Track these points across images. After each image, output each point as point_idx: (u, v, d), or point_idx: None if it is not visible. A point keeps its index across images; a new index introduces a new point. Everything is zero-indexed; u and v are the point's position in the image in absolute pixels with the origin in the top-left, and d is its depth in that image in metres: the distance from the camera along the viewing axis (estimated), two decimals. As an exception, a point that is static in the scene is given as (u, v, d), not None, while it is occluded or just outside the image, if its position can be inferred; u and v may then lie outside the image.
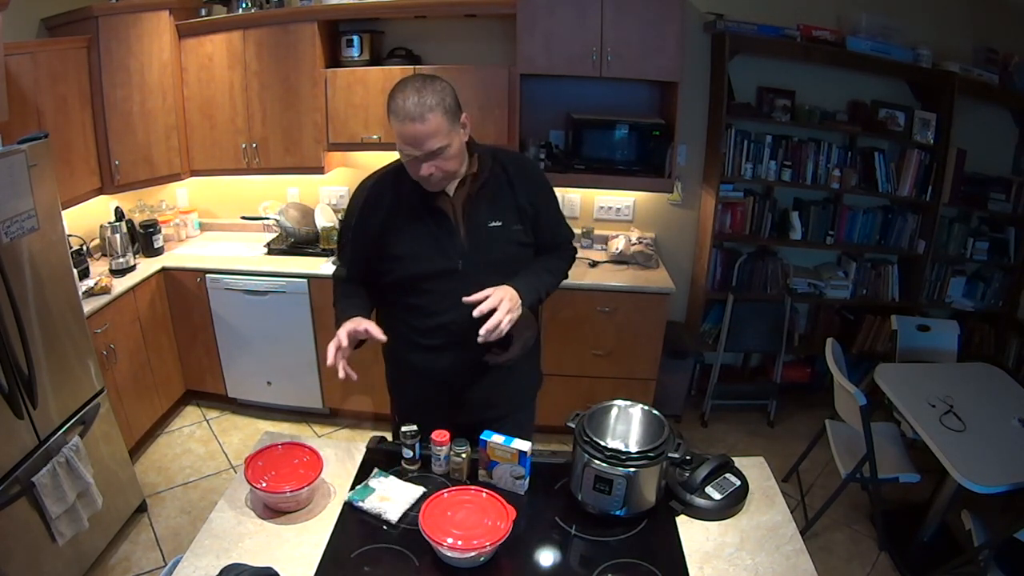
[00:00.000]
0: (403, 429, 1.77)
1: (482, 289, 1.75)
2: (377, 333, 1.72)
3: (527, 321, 1.81)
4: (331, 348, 1.69)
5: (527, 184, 1.87)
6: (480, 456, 1.71)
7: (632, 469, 1.54)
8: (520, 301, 1.73)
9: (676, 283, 3.49)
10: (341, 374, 1.68)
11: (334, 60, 3.54)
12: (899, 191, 3.65)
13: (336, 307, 1.89)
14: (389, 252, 1.81)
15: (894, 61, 3.41)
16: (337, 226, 3.70)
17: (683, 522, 1.63)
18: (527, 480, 1.70)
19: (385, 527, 1.58)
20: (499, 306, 1.66)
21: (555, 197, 1.99)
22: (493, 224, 1.81)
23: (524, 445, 1.66)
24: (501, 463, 1.68)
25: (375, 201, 1.83)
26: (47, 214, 2.42)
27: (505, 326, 1.66)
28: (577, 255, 2.10)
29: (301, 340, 3.60)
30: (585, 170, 3.46)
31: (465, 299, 1.67)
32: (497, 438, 1.68)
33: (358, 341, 1.74)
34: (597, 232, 3.88)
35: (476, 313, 1.65)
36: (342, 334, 1.70)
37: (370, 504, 1.63)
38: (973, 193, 3.68)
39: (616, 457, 1.55)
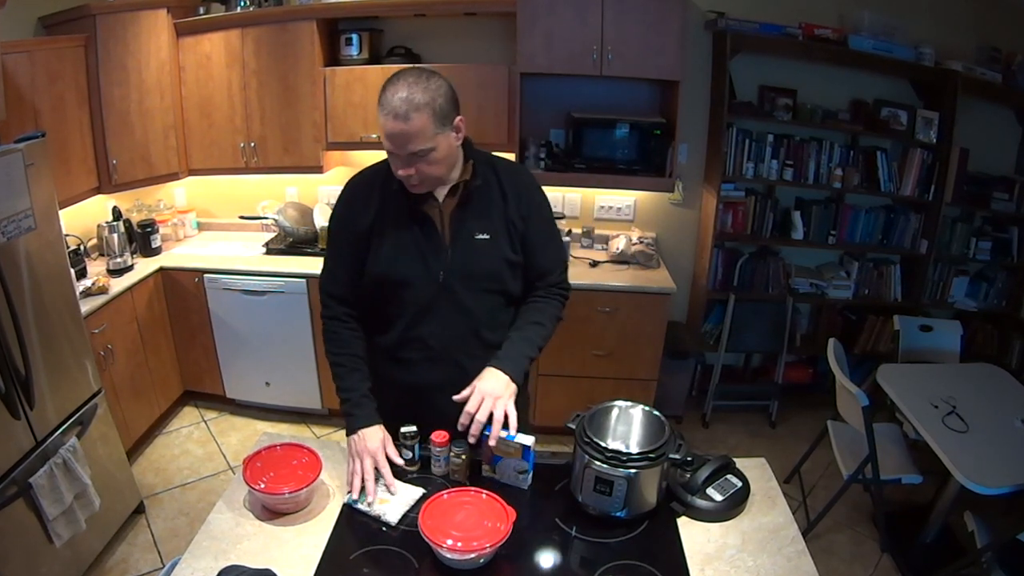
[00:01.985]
0: (402, 430, 1.74)
1: (461, 304, 1.72)
2: (396, 457, 1.70)
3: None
4: (356, 481, 1.65)
5: (520, 197, 1.77)
6: (483, 452, 1.70)
7: (633, 470, 1.52)
8: (509, 382, 1.68)
9: (677, 283, 3.48)
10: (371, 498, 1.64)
11: (333, 59, 3.53)
12: (901, 190, 3.64)
13: (338, 368, 1.79)
14: (372, 255, 1.74)
15: (896, 60, 3.39)
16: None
17: (684, 523, 1.61)
18: (531, 475, 1.68)
19: (384, 529, 1.56)
20: (482, 407, 1.62)
21: (550, 216, 1.87)
22: (480, 237, 1.73)
23: (527, 439, 1.65)
24: (505, 458, 1.68)
25: (363, 199, 1.75)
26: (44, 214, 2.41)
27: (500, 417, 1.63)
28: (570, 293, 1.92)
29: (300, 340, 3.58)
30: (586, 169, 3.44)
31: (455, 397, 1.64)
32: (501, 433, 1.66)
33: None
34: (598, 232, 3.87)
35: (461, 423, 1.63)
36: (368, 467, 1.65)
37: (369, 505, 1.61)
38: (976, 193, 3.67)
39: (617, 458, 1.53)
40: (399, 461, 1.71)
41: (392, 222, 1.73)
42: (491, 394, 1.64)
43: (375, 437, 1.71)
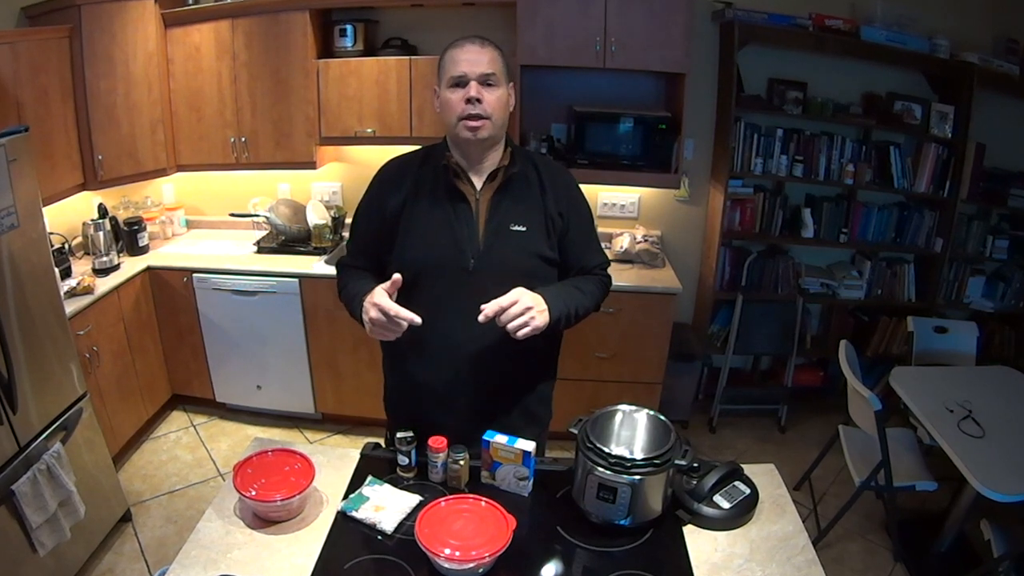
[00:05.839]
0: (398, 435, 1.72)
1: (491, 299, 1.63)
2: (407, 314, 1.53)
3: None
4: (375, 313, 1.53)
5: (560, 192, 1.77)
6: (483, 457, 1.67)
7: (637, 477, 1.50)
8: (546, 309, 1.58)
9: (683, 283, 3.44)
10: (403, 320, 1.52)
11: (327, 51, 3.49)
12: (915, 187, 3.61)
13: (346, 290, 1.76)
14: (401, 237, 1.71)
15: (910, 51, 3.36)
16: (329, 223, 3.66)
17: (690, 532, 1.59)
18: (531, 481, 1.67)
19: (380, 537, 1.55)
20: (516, 305, 1.52)
21: (590, 216, 1.86)
22: (516, 228, 1.70)
23: (528, 445, 1.64)
24: (504, 464, 1.66)
25: (396, 180, 1.75)
26: (27, 211, 2.39)
27: (521, 324, 1.52)
28: (610, 283, 1.93)
29: (292, 342, 3.54)
30: (588, 165, 3.41)
31: (482, 306, 1.52)
32: (500, 438, 1.65)
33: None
34: (600, 230, 3.77)
35: (483, 316, 1.51)
36: (378, 301, 1.53)
37: (364, 513, 1.59)
38: (993, 189, 3.63)
39: (620, 464, 1.51)
40: (414, 319, 1.55)
41: (426, 201, 1.72)
42: (527, 302, 1.53)
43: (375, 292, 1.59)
